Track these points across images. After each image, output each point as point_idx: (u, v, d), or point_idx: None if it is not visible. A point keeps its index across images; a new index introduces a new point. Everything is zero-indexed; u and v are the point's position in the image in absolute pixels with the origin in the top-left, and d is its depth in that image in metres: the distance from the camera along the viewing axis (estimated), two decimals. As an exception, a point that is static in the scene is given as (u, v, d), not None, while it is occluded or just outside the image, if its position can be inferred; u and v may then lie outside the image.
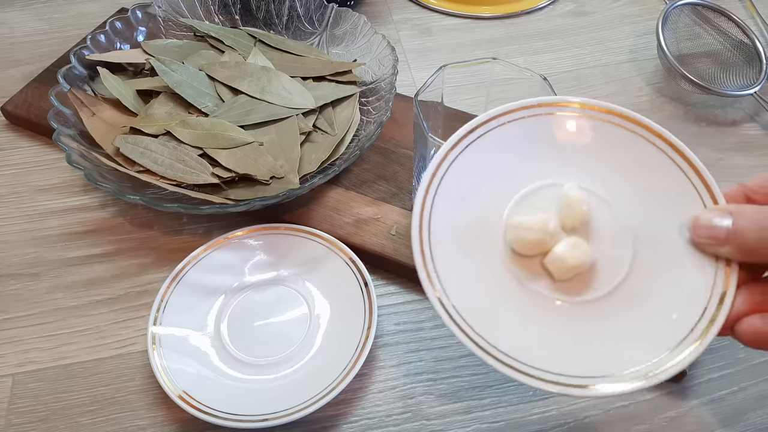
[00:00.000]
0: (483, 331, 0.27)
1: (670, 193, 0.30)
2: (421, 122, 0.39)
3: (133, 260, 0.48)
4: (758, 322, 0.25)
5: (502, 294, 0.28)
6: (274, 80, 0.53)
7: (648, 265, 0.28)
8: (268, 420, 0.37)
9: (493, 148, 0.31)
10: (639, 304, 0.28)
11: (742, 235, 0.25)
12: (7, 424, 0.39)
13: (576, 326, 0.28)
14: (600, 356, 0.27)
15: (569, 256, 0.28)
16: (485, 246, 0.29)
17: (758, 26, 0.69)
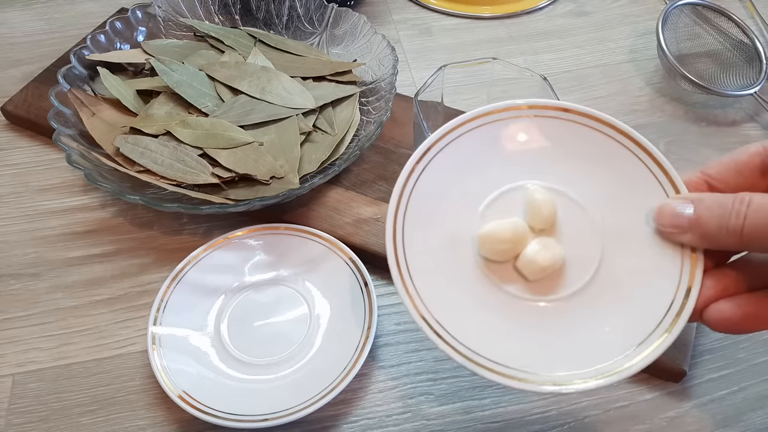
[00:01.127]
0: (459, 334, 0.28)
1: (633, 186, 0.30)
2: (421, 122, 0.39)
3: (133, 260, 0.48)
4: (725, 308, 0.25)
5: (478, 299, 0.29)
6: (274, 80, 0.53)
7: (617, 259, 0.29)
8: (268, 420, 0.37)
9: (452, 163, 0.31)
10: (609, 299, 0.28)
11: (704, 223, 0.26)
12: (7, 424, 0.39)
13: (549, 325, 0.28)
14: (571, 354, 0.27)
15: (540, 258, 0.28)
16: (459, 257, 0.30)
17: (758, 26, 0.69)
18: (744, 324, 0.25)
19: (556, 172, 0.31)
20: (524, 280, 0.29)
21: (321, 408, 0.37)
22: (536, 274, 0.29)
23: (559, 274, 0.29)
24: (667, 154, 0.57)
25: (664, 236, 0.28)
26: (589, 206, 0.30)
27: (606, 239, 0.29)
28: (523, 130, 0.31)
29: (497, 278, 0.29)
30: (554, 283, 0.29)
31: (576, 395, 0.32)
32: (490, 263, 0.29)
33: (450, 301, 0.29)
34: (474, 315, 0.28)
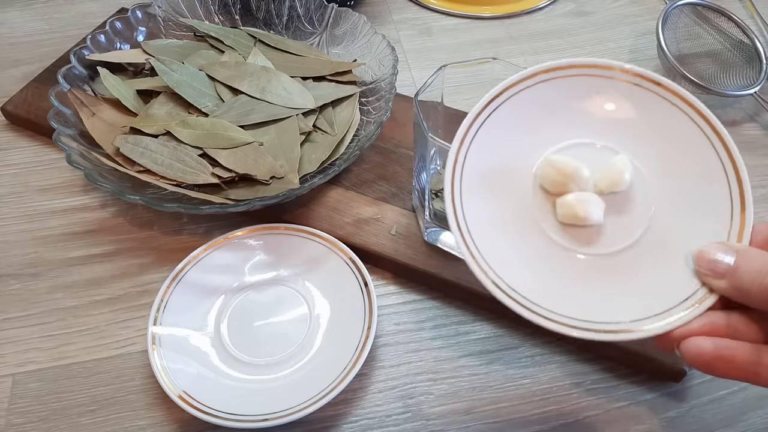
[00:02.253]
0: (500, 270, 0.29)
1: (704, 198, 0.30)
2: (421, 122, 0.39)
3: (133, 260, 0.48)
4: (703, 343, 0.26)
5: (515, 228, 0.30)
6: (274, 80, 0.53)
7: (647, 251, 0.30)
8: (268, 420, 0.37)
9: (525, 109, 0.32)
10: (620, 277, 0.30)
11: (740, 275, 0.26)
12: (7, 424, 0.39)
13: (565, 275, 0.30)
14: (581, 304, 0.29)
15: (578, 206, 0.30)
16: (513, 183, 0.31)
17: (758, 26, 0.69)
18: (715, 364, 0.26)
19: (640, 148, 0.32)
20: (559, 225, 0.30)
21: (321, 408, 0.37)
22: (565, 218, 0.30)
23: (589, 234, 0.30)
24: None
25: (697, 275, 0.28)
26: (653, 193, 0.31)
27: (649, 231, 0.30)
28: (608, 93, 0.32)
29: (539, 210, 0.31)
30: (579, 240, 0.30)
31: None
32: (541, 193, 0.31)
33: (504, 253, 0.30)
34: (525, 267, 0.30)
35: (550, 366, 0.42)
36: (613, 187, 0.31)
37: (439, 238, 0.45)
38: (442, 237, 0.45)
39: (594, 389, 0.41)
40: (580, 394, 0.40)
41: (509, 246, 0.30)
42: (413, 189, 0.48)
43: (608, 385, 0.41)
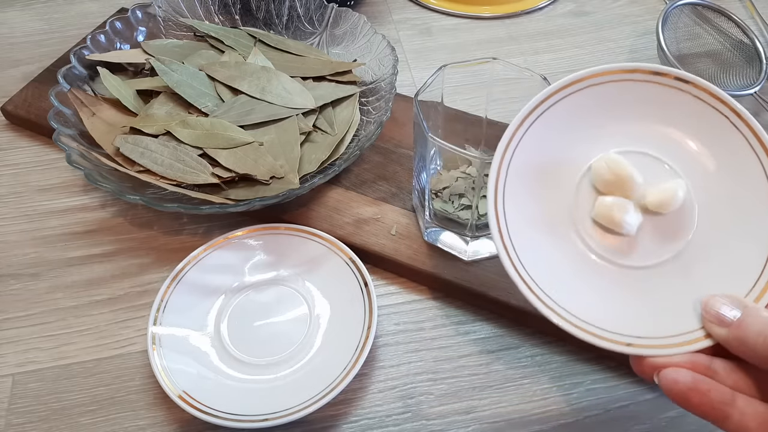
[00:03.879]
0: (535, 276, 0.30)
1: (740, 244, 0.30)
2: (421, 122, 0.39)
3: (133, 260, 0.48)
4: (682, 374, 0.27)
5: (549, 222, 0.31)
6: (274, 80, 0.53)
7: (666, 276, 0.30)
8: (268, 420, 0.37)
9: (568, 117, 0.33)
10: (633, 292, 0.30)
11: (744, 330, 0.27)
12: (7, 424, 0.39)
13: (582, 274, 0.31)
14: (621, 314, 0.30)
15: (616, 212, 0.30)
16: (561, 179, 0.32)
17: (758, 26, 0.69)
18: (690, 397, 0.26)
19: (692, 164, 0.32)
20: (600, 239, 0.31)
21: (321, 408, 0.37)
22: (600, 217, 0.31)
23: (622, 244, 0.31)
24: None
25: (702, 320, 0.29)
26: (696, 219, 0.31)
27: (681, 257, 0.31)
28: (646, 97, 0.32)
29: (583, 230, 0.31)
30: (613, 249, 0.31)
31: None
32: (583, 199, 0.31)
33: (537, 255, 0.31)
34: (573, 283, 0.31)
35: (550, 366, 0.42)
36: (660, 208, 0.31)
37: (439, 238, 0.45)
38: (442, 237, 0.45)
39: (594, 389, 0.41)
40: (580, 394, 0.40)
41: (543, 249, 0.31)
42: (413, 189, 0.48)
43: (608, 385, 0.41)
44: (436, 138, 0.38)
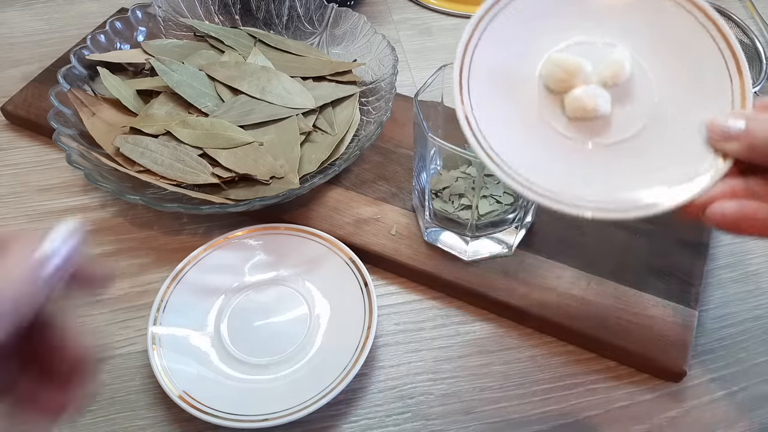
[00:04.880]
0: (500, 151, 0.30)
1: (703, 77, 0.31)
2: (421, 122, 0.39)
3: (133, 260, 0.48)
4: (727, 206, 0.27)
5: (523, 125, 0.31)
6: (274, 80, 0.53)
7: (657, 135, 0.31)
8: (268, 420, 0.37)
9: (530, 8, 0.33)
10: (635, 158, 0.31)
11: (752, 135, 0.28)
12: (7, 424, 0.39)
13: (579, 164, 0.31)
14: (592, 191, 0.30)
15: (586, 99, 0.31)
16: (518, 83, 0.32)
17: (758, 26, 0.69)
18: (740, 223, 0.27)
19: (637, 40, 0.32)
20: (565, 115, 0.31)
21: (321, 408, 0.37)
22: (576, 111, 0.31)
23: (598, 125, 0.31)
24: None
25: (710, 141, 0.29)
26: (656, 81, 0.32)
27: (656, 116, 0.31)
28: None
29: (546, 108, 0.32)
30: (591, 131, 0.31)
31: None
32: (546, 94, 0.32)
33: (506, 136, 0.31)
34: (516, 140, 0.31)
35: (550, 366, 0.42)
36: (615, 78, 0.31)
37: (439, 238, 0.45)
38: (442, 237, 0.45)
39: (594, 389, 0.41)
40: (580, 394, 0.40)
41: (520, 141, 0.31)
42: (413, 189, 0.48)
43: (608, 385, 0.41)
44: (436, 138, 0.38)
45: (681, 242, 0.45)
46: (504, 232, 0.44)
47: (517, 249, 0.45)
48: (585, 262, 0.44)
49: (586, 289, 0.43)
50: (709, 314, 0.44)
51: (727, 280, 0.46)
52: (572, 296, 0.43)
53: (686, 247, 0.45)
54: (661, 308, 0.42)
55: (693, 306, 0.42)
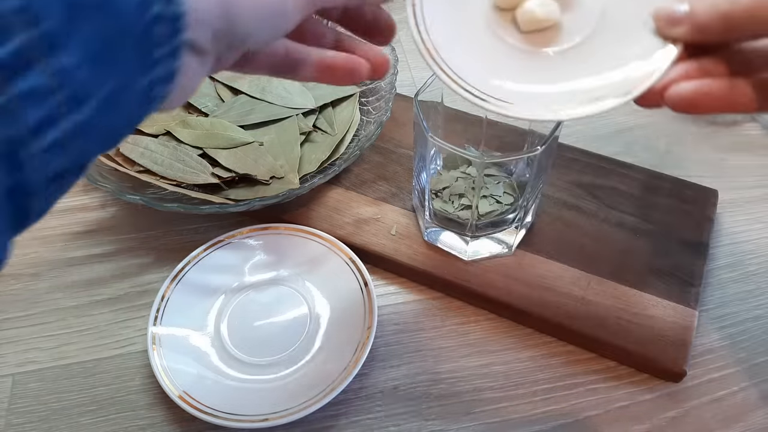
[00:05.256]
0: (456, 68, 0.31)
1: None
2: (421, 122, 0.39)
3: (133, 260, 0.48)
4: (684, 86, 0.28)
5: (479, 45, 0.32)
6: (274, 80, 0.53)
7: (608, 35, 0.32)
8: (268, 420, 0.37)
9: None
10: (589, 60, 0.31)
11: (696, 15, 0.28)
12: (7, 424, 0.39)
13: (535, 72, 0.32)
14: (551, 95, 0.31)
15: (537, 10, 0.31)
16: (468, 6, 0.33)
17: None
18: (697, 101, 0.28)
19: None
20: (519, 30, 0.32)
21: (321, 408, 0.37)
22: (529, 25, 0.32)
23: (551, 33, 0.32)
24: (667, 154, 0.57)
25: (657, 30, 0.30)
26: None
27: (604, 19, 0.32)
28: None
29: (498, 24, 0.32)
30: (545, 40, 0.32)
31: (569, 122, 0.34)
32: (497, 11, 0.32)
33: (459, 50, 0.31)
34: (470, 55, 0.32)
35: (550, 366, 0.42)
36: None
37: (439, 238, 0.45)
38: (442, 237, 0.45)
39: (594, 389, 0.41)
40: (580, 394, 0.40)
41: (477, 59, 0.32)
42: (413, 189, 0.48)
43: (608, 385, 0.41)
44: (436, 138, 0.38)
45: (681, 242, 0.45)
46: (504, 232, 0.44)
47: (517, 249, 0.45)
48: (585, 262, 0.44)
49: (586, 289, 0.43)
50: (709, 314, 0.44)
51: (727, 280, 0.46)
52: (572, 296, 0.43)
53: (686, 247, 0.45)
54: (661, 308, 0.42)
55: (693, 306, 0.42)
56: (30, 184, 0.18)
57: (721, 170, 0.53)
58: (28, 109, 0.16)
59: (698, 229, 0.46)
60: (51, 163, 0.18)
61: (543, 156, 0.39)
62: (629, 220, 0.47)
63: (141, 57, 0.19)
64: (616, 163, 0.51)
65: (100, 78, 0.18)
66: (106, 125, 0.19)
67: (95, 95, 0.18)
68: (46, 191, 0.18)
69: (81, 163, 0.20)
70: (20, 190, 0.17)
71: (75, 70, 0.17)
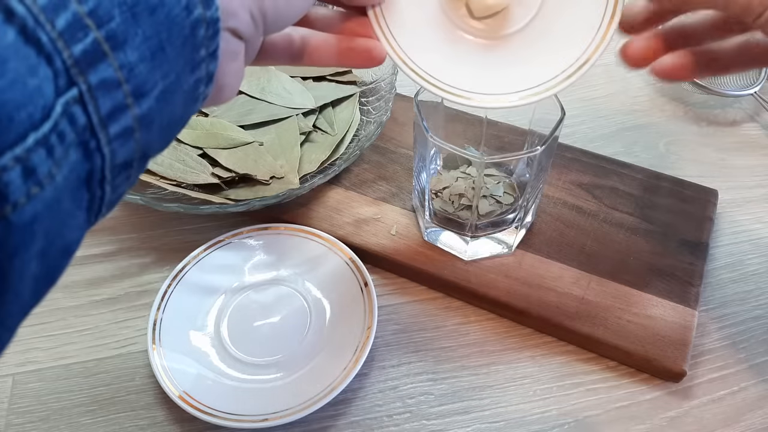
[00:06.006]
0: (412, 54, 0.32)
1: None
2: (421, 122, 0.39)
3: (133, 260, 0.48)
4: (637, 42, 0.32)
5: (435, 31, 0.33)
6: (274, 80, 0.53)
7: (553, 14, 0.33)
8: (268, 420, 0.37)
9: None
10: (544, 37, 0.33)
11: None
12: (7, 424, 0.39)
13: (492, 57, 0.33)
14: (510, 77, 0.33)
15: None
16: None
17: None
18: (649, 59, 0.31)
19: None
20: (473, 17, 0.33)
21: (321, 408, 0.37)
22: (482, 11, 0.32)
23: (503, 16, 0.33)
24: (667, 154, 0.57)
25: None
26: None
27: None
28: None
29: (453, 13, 0.33)
30: (499, 23, 0.33)
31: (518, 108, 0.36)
32: (452, 5, 0.33)
33: (416, 38, 0.33)
34: (430, 46, 0.33)
35: (550, 366, 0.42)
36: None
37: (439, 238, 0.45)
38: (442, 237, 0.45)
39: (594, 389, 0.41)
40: (580, 394, 0.40)
41: (434, 48, 0.33)
42: (413, 189, 0.48)
43: (608, 385, 0.41)
44: (436, 138, 0.38)
45: (681, 242, 0.45)
46: (504, 232, 0.44)
47: (517, 249, 0.45)
48: (585, 262, 0.44)
49: (586, 289, 0.43)
50: (709, 314, 0.44)
51: (727, 280, 0.46)
52: (572, 296, 0.43)
53: (686, 247, 0.45)
54: (661, 308, 0.42)
55: (693, 306, 0.42)
56: (103, 171, 0.19)
57: (721, 170, 0.53)
58: (100, 99, 0.18)
59: (698, 229, 0.46)
60: (119, 152, 0.19)
61: (543, 156, 0.39)
62: (629, 220, 0.47)
63: (188, 57, 0.21)
64: (616, 163, 0.51)
65: (156, 75, 0.20)
66: (161, 121, 0.21)
67: (152, 91, 0.20)
68: (115, 180, 0.20)
69: (144, 155, 0.21)
70: (95, 176, 0.19)
71: (136, 66, 0.19)
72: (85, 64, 0.17)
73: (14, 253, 0.17)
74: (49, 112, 0.17)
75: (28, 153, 0.16)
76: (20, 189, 0.16)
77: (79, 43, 0.17)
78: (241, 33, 0.25)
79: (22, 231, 0.16)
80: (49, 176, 0.17)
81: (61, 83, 0.17)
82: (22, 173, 0.16)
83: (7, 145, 0.16)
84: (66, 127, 0.17)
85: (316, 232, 0.46)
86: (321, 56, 0.31)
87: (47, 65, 0.17)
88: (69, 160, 0.17)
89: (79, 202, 0.19)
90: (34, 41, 0.16)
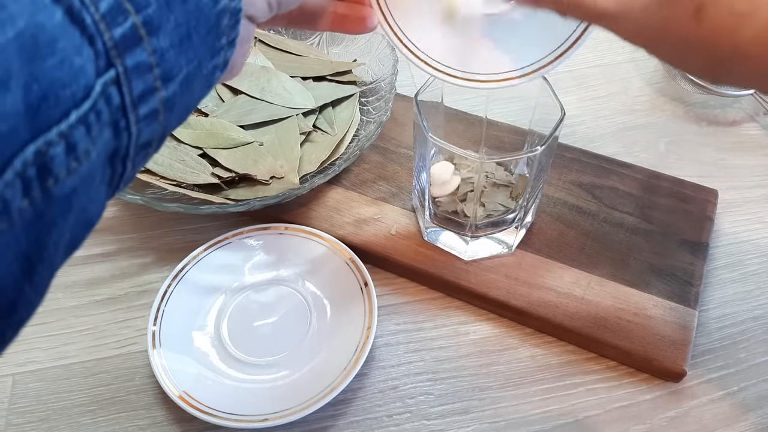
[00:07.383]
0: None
1: None
2: (421, 122, 0.39)
3: (133, 260, 0.48)
4: None
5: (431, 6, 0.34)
6: (274, 80, 0.53)
7: None
8: (268, 420, 0.37)
9: None
10: (536, 17, 0.33)
11: None
12: (7, 424, 0.39)
13: (486, 36, 0.34)
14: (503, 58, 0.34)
15: None
16: None
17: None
18: None
19: None
20: None
21: (321, 408, 0.37)
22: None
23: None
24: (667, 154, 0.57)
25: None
26: None
27: None
28: None
29: None
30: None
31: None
32: None
33: (411, 17, 0.33)
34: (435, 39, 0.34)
35: (550, 366, 0.42)
36: None
37: (439, 238, 0.45)
38: (442, 237, 0.45)
39: (594, 389, 0.41)
40: (580, 394, 0.40)
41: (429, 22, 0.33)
42: (413, 189, 0.48)
43: (608, 385, 0.41)
44: (436, 138, 0.38)
45: (681, 242, 0.45)
46: (504, 232, 0.44)
47: (517, 249, 0.45)
48: (585, 262, 0.44)
49: (586, 289, 0.43)
50: (709, 314, 0.44)
51: (727, 280, 0.46)
52: (572, 296, 0.43)
53: (686, 247, 0.45)
54: (661, 308, 0.42)
55: (693, 306, 0.42)
56: (127, 149, 0.20)
57: (721, 170, 0.53)
58: (134, 81, 0.19)
59: (698, 229, 0.46)
60: (144, 132, 0.20)
61: (543, 156, 0.39)
62: (629, 220, 0.47)
63: (210, 44, 0.22)
64: (616, 163, 0.51)
65: (182, 61, 0.21)
66: (180, 104, 0.22)
67: (178, 76, 0.21)
68: (136, 158, 0.21)
69: (162, 135, 0.22)
70: (119, 154, 0.20)
71: (166, 52, 0.20)
72: (123, 47, 0.18)
73: (53, 224, 0.18)
74: (90, 92, 0.17)
75: (70, 129, 0.17)
76: (62, 164, 0.17)
77: (119, 26, 0.18)
78: (256, 19, 0.26)
79: (62, 204, 0.18)
80: (86, 152, 0.18)
81: (101, 64, 0.18)
82: (65, 149, 0.17)
83: (54, 121, 0.16)
84: (103, 107, 0.18)
85: (316, 232, 0.46)
86: (317, 20, 0.32)
87: (89, 46, 0.17)
88: (102, 137, 0.18)
89: (103, 177, 0.20)
90: (79, 22, 0.17)
